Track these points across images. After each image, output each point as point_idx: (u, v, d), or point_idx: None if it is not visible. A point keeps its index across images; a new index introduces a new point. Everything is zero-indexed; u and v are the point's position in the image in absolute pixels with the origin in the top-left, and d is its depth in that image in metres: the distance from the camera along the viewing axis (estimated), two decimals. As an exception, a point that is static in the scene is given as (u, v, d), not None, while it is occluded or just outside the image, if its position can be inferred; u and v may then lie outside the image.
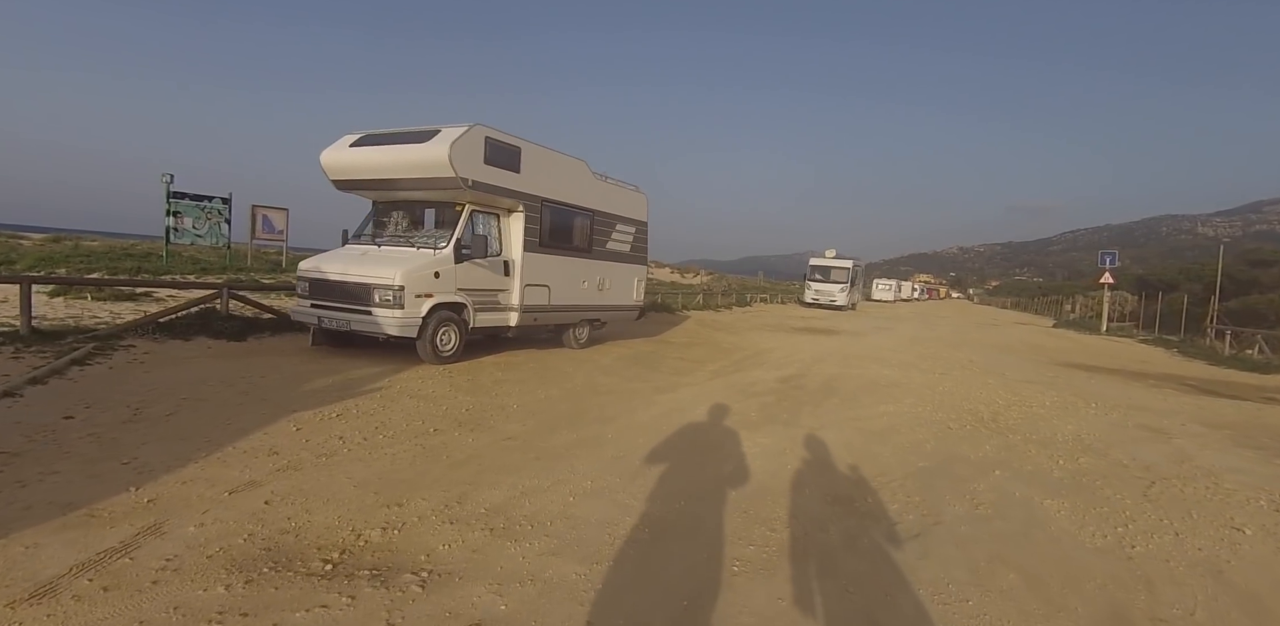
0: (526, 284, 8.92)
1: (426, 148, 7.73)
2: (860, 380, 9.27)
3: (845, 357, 12.05)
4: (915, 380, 9.71)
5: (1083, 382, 10.93)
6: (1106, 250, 26.42)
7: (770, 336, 15.83)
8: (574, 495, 3.86)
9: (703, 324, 17.95)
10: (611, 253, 10.84)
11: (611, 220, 10.76)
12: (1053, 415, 7.73)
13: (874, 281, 62.26)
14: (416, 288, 7.54)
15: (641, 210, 11.63)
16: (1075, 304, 34.40)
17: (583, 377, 7.88)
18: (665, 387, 7.65)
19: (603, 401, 6.62)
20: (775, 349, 12.96)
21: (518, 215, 8.84)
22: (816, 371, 9.88)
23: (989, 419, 7.23)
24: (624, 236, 11.14)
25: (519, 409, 5.95)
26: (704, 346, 12.56)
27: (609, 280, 10.77)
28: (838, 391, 8.21)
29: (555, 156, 9.37)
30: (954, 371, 11.19)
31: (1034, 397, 8.89)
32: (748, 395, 7.56)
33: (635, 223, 11.43)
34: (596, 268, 10.45)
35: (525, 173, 8.72)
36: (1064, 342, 20.95)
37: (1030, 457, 5.62)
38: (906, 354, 13.54)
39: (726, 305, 26.76)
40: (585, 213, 10.11)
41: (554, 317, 9.69)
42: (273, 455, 4.16)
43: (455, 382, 6.87)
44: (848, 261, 33.69)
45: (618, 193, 10.98)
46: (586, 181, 10.11)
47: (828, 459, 5.07)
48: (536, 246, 9.06)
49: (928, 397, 8.21)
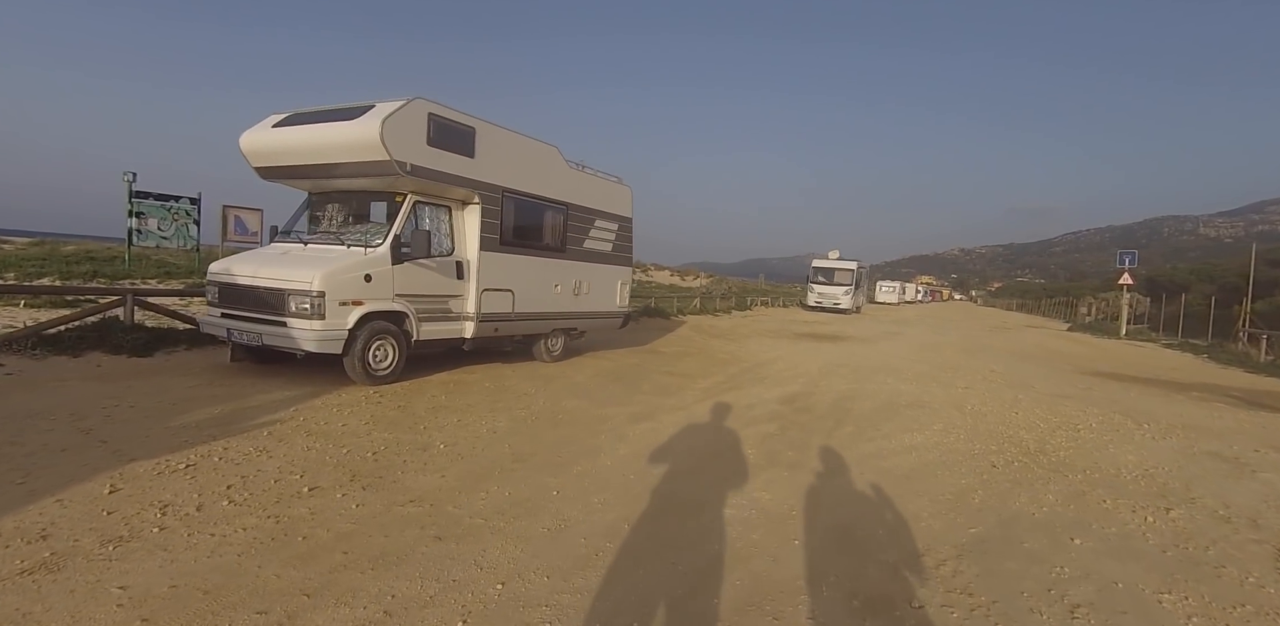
0: (485, 288, 7.60)
1: (355, 126, 6.44)
2: (876, 399, 7.93)
3: (856, 370, 10.72)
4: (938, 397, 8.39)
5: (1120, 396, 9.65)
6: (1125, 249, 25.06)
7: (772, 344, 14.50)
8: (469, 613, 2.53)
9: (698, 330, 16.63)
10: (589, 252, 9.52)
11: (589, 215, 9.44)
12: (1105, 441, 6.47)
13: (878, 284, 61.02)
14: (341, 293, 6.23)
15: (625, 205, 10.32)
16: (1091, 307, 33.02)
17: (545, 401, 6.55)
18: (644, 414, 6.31)
19: (561, 436, 5.28)
20: (777, 359, 11.63)
21: (473, 208, 7.53)
22: (825, 388, 8.54)
23: (1035, 450, 5.92)
24: (604, 234, 9.82)
25: (445, 451, 4.61)
26: (697, 357, 11.23)
27: (587, 283, 9.45)
28: (852, 415, 6.87)
29: (520, 140, 8.06)
30: (978, 385, 9.87)
31: (1075, 417, 7.61)
32: (744, 423, 6.23)
33: (618, 219, 10.12)
34: (571, 269, 9.13)
35: (482, 158, 7.41)
36: (1084, 348, 19.61)
37: (1108, 512, 4.31)
38: (922, 363, 12.21)
39: (725, 309, 25.44)
40: (557, 206, 8.79)
41: (520, 327, 8.36)
42: (38, 540, 2.83)
43: (379, 412, 5.54)
44: (852, 263, 32.35)
45: (597, 185, 9.68)
46: (558, 171, 8.80)
47: (849, 525, 3.74)
48: (497, 245, 7.75)
49: (957, 421, 6.89)
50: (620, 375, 8.49)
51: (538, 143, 8.36)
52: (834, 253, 33.53)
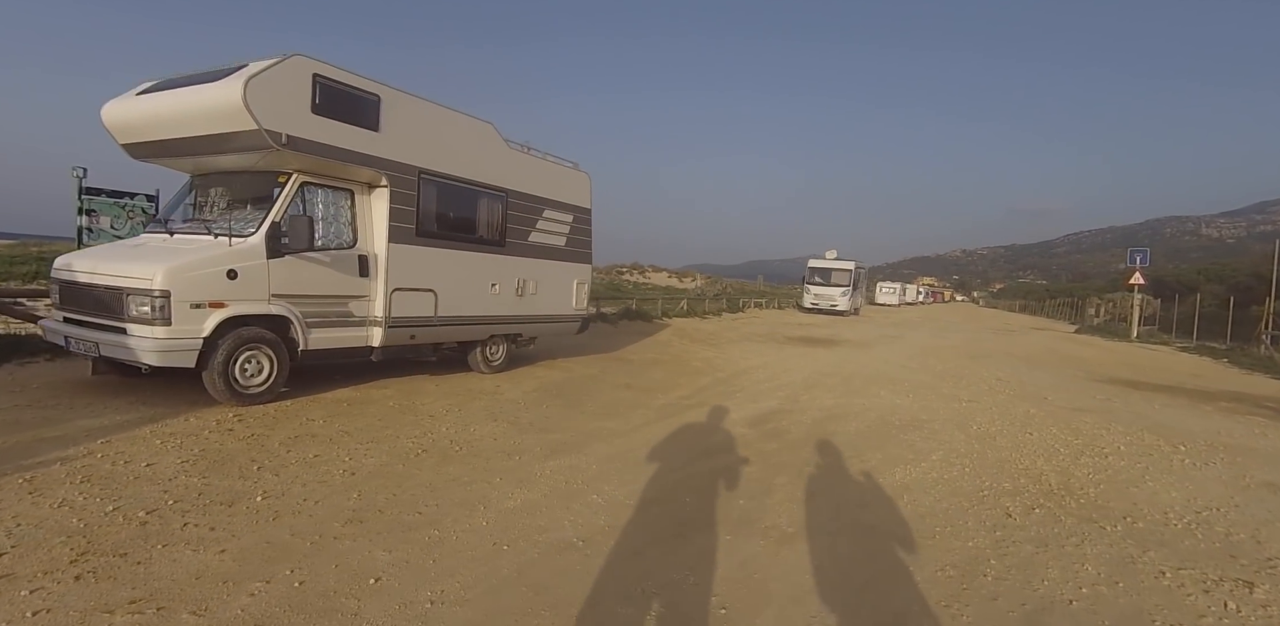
0: (396, 288, 6.38)
1: (215, 89, 5.23)
2: (866, 418, 6.69)
3: (846, 379, 9.48)
4: (939, 414, 7.15)
5: (1143, 408, 8.46)
6: (1136, 247, 23.77)
7: (757, 349, 13.26)
8: None
9: (681, 334, 15.40)
10: (537, 247, 8.29)
11: (536, 204, 8.22)
12: (1139, 470, 5.32)
13: (878, 285, 59.80)
14: (193, 293, 5.00)
15: (582, 194, 9.10)
16: (1099, 308, 31.73)
17: (451, 426, 5.30)
18: (569, 444, 5.06)
19: (442, 478, 4.04)
20: (759, 367, 10.39)
21: (381, 192, 6.31)
22: (807, 404, 7.30)
23: (1059, 487, 4.72)
24: (556, 226, 8.59)
25: (261, 506, 3.36)
26: (668, 365, 10.00)
27: (534, 283, 8.22)
28: (833, 442, 5.63)
29: (442, 114, 6.84)
30: (983, 397, 8.64)
31: (1099, 438, 6.44)
32: (694, 456, 4.99)
33: (573, 209, 8.89)
34: (514, 266, 7.89)
35: (390, 132, 6.19)
36: (1095, 352, 18.34)
37: (1171, 592, 3.11)
38: (921, 371, 10.97)
39: (715, 311, 24.19)
40: (494, 193, 7.56)
41: (445, 334, 7.12)
42: None
43: (215, 445, 4.30)
44: (849, 263, 31.08)
45: (547, 170, 8.46)
46: (495, 152, 7.57)
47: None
48: (411, 236, 6.52)
49: (961, 447, 5.66)
50: (565, 390, 7.25)
51: (466, 118, 7.13)
52: (831, 252, 32.27)
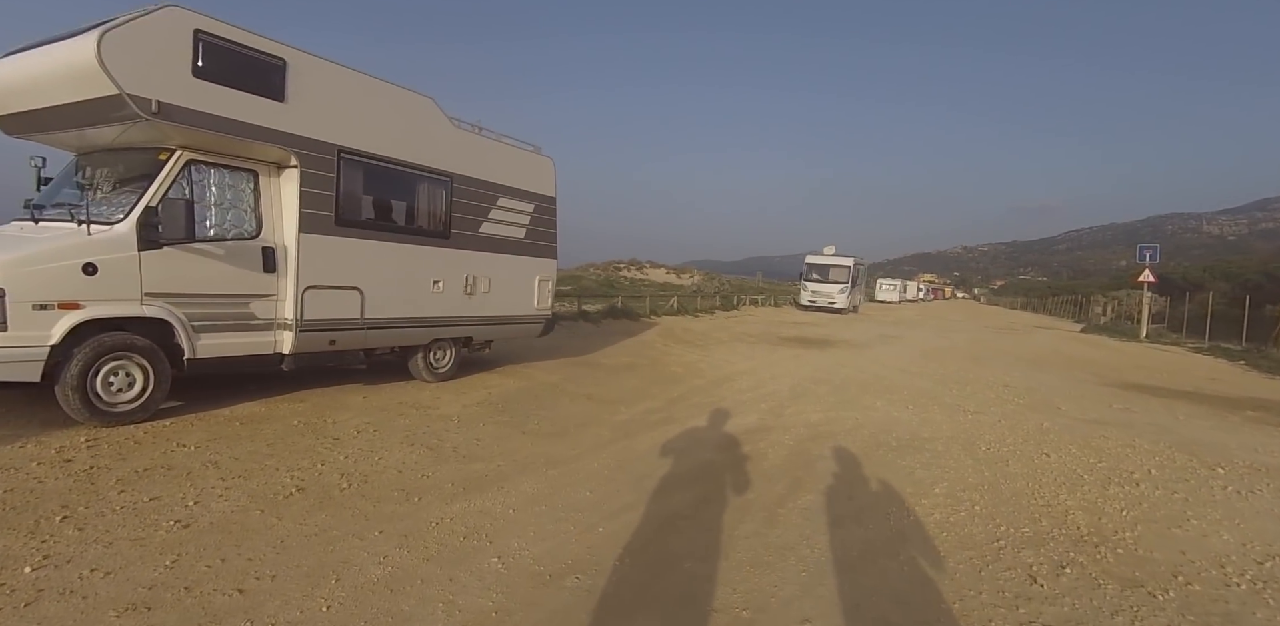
0: (311, 286, 5.47)
1: (68, 47, 4.33)
2: (858, 436, 5.80)
3: (839, 387, 8.58)
4: (942, 429, 6.27)
5: (1166, 419, 7.63)
6: (1145, 243, 22.85)
7: (746, 352, 12.37)
8: None
9: (666, 334, 14.50)
10: (490, 240, 7.37)
11: (489, 192, 7.30)
12: (1178, 504, 4.50)
13: (878, 281, 58.91)
14: (37, 291, 4.10)
15: (545, 180, 8.17)
16: (1105, 306, 30.80)
17: (350, 455, 4.38)
18: (489, 478, 4.15)
19: (298, 533, 3.13)
20: (744, 373, 9.50)
21: (291, 173, 5.40)
22: (791, 420, 6.40)
23: (1090, 532, 3.87)
24: (513, 217, 7.68)
25: (3, 593, 2.49)
26: (644, 370, 9.10)
27: (486, 280, 7.30)
28: (816, 469, 4.72)
29: (369, 85, 5.92)
30: (991, 407, 7.76)
31: (1125, 459, 5.60)
32: (640, 495, 4.07)
33: (533, 198, 7.97)
34: (461, 261, 6.98)
35: (300, 103, 5.28)
36: (1104, 353, 17.44)
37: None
38: (922, 376, 10.08)
39: (707, 309, 23.28)
40: (436, 177, 6.64)
41: (376, 338, 6.20)
42: None
43: (27, 482, 3.37)
44: (848, 259, 30.14)
45: (501, 153, 7.53)
46: (437, 131, 6.65)
47: None
48: (330, 226, 5.61)
49: (970, 476, 4.77)
50: (514, 402, 6.35)
51: (400, 90, 6.21)
52: (829, 248, 31.32)
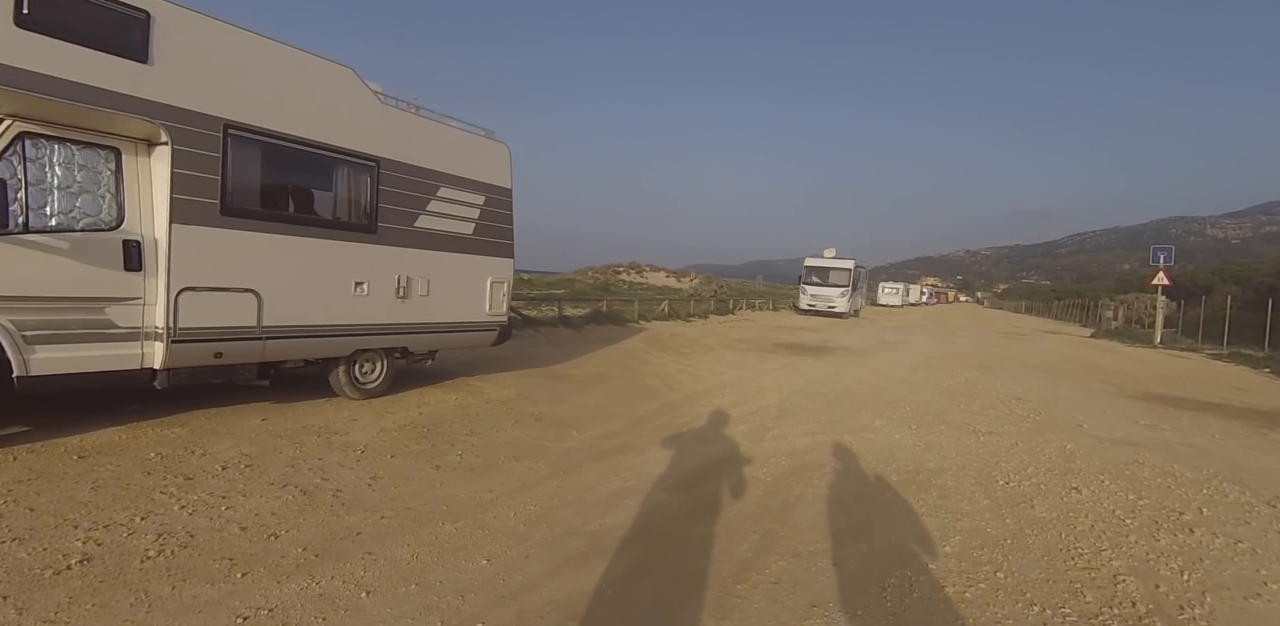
0: (188, 287, 4.52)
1: None
2: (852, 470, 4.81)
3: (833, 402, 7.60)
4: (951, 457, 5.29)
5: (1201, 438, 6.73)
6: (1159, 245, 21.83)
7: (735, 360, 11.40)
8: None
9: (652, 341, 13.55)
10: (430, 235, 6.42)
11: (428, 180, 6.35)
12: (1245, 559, 3.62)
13: (880, 285, 57.96)
14: None
15: (498, 169, 7.22)
16: (1116, 310, 29.77)
17: (194, 502, 3.39)
18: (359, 536, 3.17)
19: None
20: (729, 385, 8.53)
21: (162, 151, 4.47)
22: (773, 446, 5.42)
23: (1148, 608, 3.00)
24: (459, 209, 6.73)
25: None
26: (615, 383, 8.13)
27: (425, 281, 6.35)
28: (794, 523, 3.73)
29: (267, 49, 4.98)
30: (1005, 425, 6.80)
31: (1169, 493, 4.71)
32: (553, 563, 3.08)
33: (484, 188, 7.01)
34: (392, 259, 6.02)
35: (171, 66, 4.34)
36: (1118, 360, 16.45)
37: None
38: (926, 387, 9.09)
39: (701, 313, 22.31)
40: (357, 161, 5.69)
41: (279, 350, 5.22)
42: None
43: None
44: (848, 262, 29.17)
45: (443, 136, 6.58)
46: (359, 107, 5.70)
47: None
48: (216, 215, 4.66)
49: (990, 524, 3.78)
50: (443, 426, 5.37)
51: (309, 57, 5.26)
52: (829, 250, 30.36)
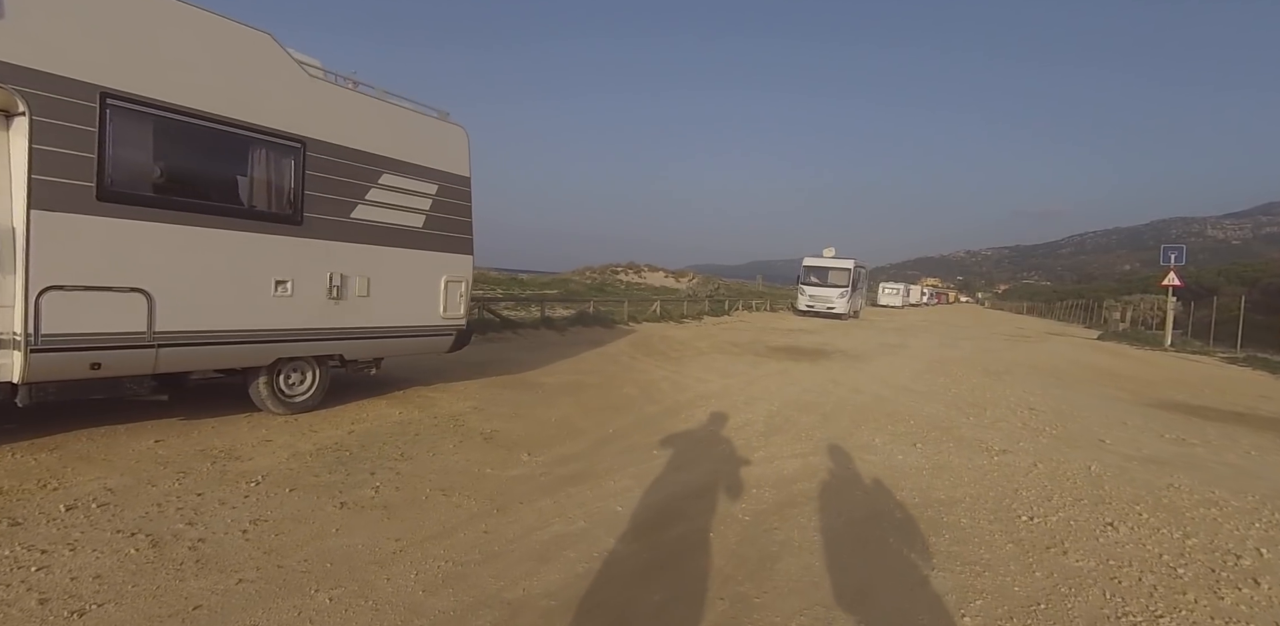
0: (54, 286, 3.78)
1: None
2: (848, 502, 4.05)
3: (830, 415, 6.85)
4: (964, 484, 4.54)
5: (1235, 455, 6.21)
6: (1170, 244, 21.08)
7: (725, 366, 10.65)
8: None
9: (640, 344, 12.81)
10: (370, 228, 5.66)
11: (367, 165, 5.58)
12: None
13: (880, 285, 57.27)
14: None
15: (453, 155, 6.45)
16: (1123, 311, 29.01)
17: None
18: (171, 619, 2.45)
19: None
20: (715, 395, 7.78)
21: (19, 123, 3.73)
22: (756, 472, 4.66)
23: None
24: (405, 199, 5.97)
25: None
26: (589, 393, 7.38)
27: (364, 280, 5.60)
28: (773, 576, 2.96)
29: (159, 5, 4.24)
30: (1021, 441, 6.07)
31: (1217, 528, 4.09)
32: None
33: (436, 176, 6.26)
34: (322, 255, 5.26)
35: (25, 19, 3.60)
36: (1130, 364, 15.71)
37: None
38: (931, 397, 8.35)
39: (695, 315, 21.56)
40: (277, 141, 4.93)
41: (177, 359, 4.44)
42: None
43: None
44: (848, 261, 28.43)
45: (385, 116, 5.82)
46: (279, 79, 4.94)
47: None
48: (92, 200, 3.90)
49: (1017, 581, 3.00)
50: (370, 449, 4.61)
51: (213, 18, 4.50)
52: (829, 250, 29.61)
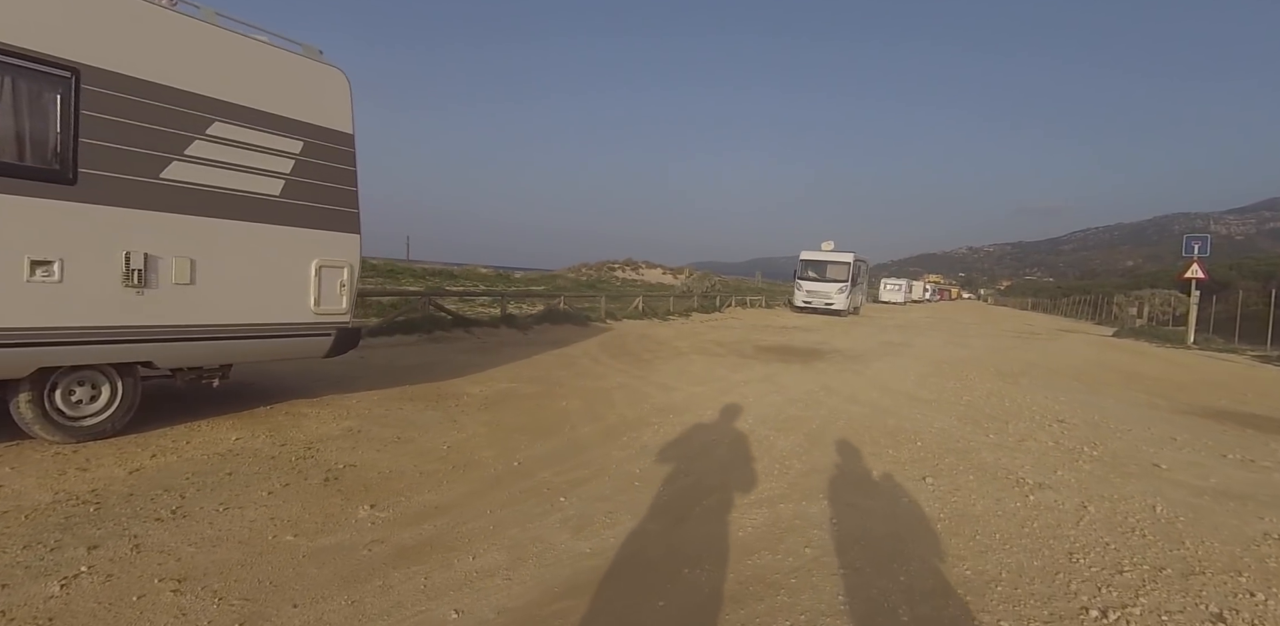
0: None
1: None
2: (835, 607, 2.67)
3: (816, 436, 5.42)
4: (993, 545, 3.10)
5: None
6: (1193, 234, 19.57)
7: (704, 369, 9.23)
8: None
9: (613, 344, 11.40)
10: (194, 194, 4.21)
11: (190, 110, 4.14)
12: None
13: (882, 281, 55.85)
14: None
15: (328, 106, 5.00)
16: (1141, 307, 27.52)
17: None
18: None
19: None
20: (675, 409, 6.35)
21: None
22: (703, 532, 3.23)
23: None
24: (253, 158, 4.53)
25: None
26: (513, 409, 5.97)
27: (185, 263, 4.17)
28: None
29: None
30: (1057, 469, 4.66)
31: None
32: None
33: (302, 130, 4.81)
34: (113, 227, 3.82)
35: None
36: (1155, 364, 14.25)
37: None
38: (941, 407, 6.92)
39: (683, 312, 20.12)
40: (32, 68, 3.50)
41: None
42: None
43: None
44: (848, 255, 26.98)
45: (221, 47, 4.37)
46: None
47: None
48: None
49: None
50: (132, 501, 3.17)
51: None
52: (827, 243, 28.16)
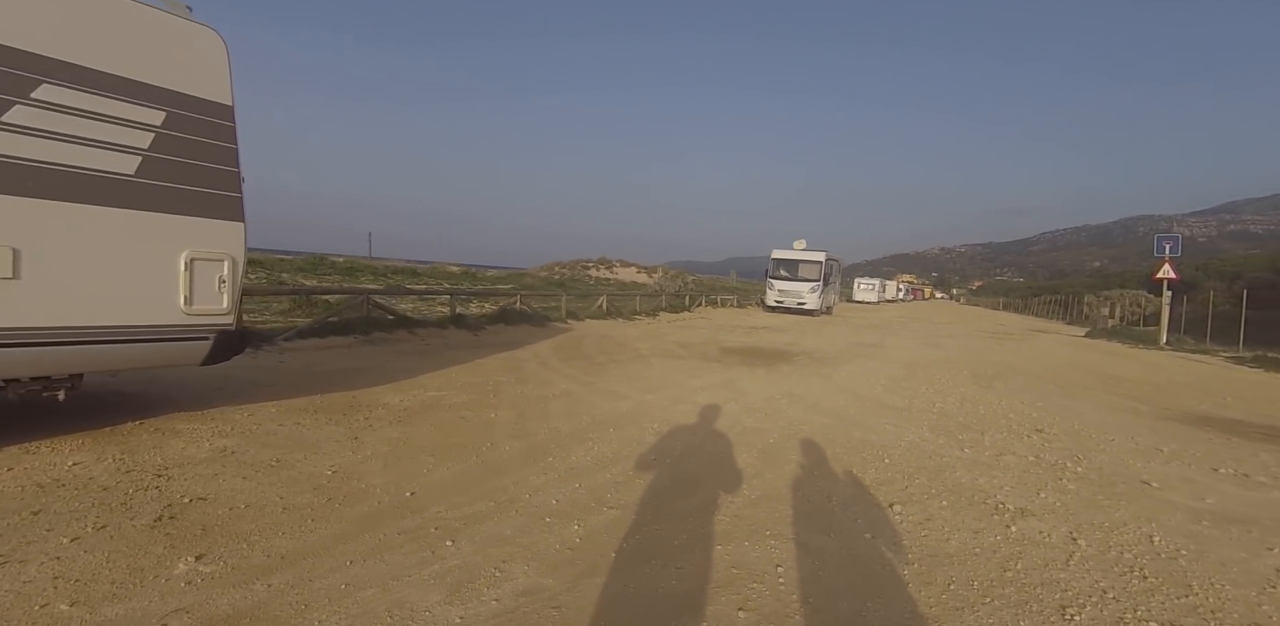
0: None
1: None
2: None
3: (772, 453, 4.80)
4: (973, 606, 2.50)
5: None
6: (1164, 234, 19.48)
7: (661, 373, 8.59)
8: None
9: (568, 346, 10.71)
10: (19, 169, 3.46)
11: (11, 65, 3.40)
12: None
13: (856, 281, 55.91)
14: None
15: (199, 71, 4.23)
16: (1114, 308, 27.58)
17: None
18: None
19: None
20: (618, 422, 5.69)
21: None
22: (619, 592, 2.60)
23: None
24: (98, 129, 3.75)
25: None
26: (430, 423, 5.26)
27: (9, 253, 3.42)
28: None
29: None
30: (1041, 492, 4.09)
31: None
32: None
33: (161, 98, 4.03)
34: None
35: None
36: (1129, 365, 13.97)
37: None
38: (913, 415, 6.37)
39: (650, 311, 19.49)
40: None
41: None
42: None
43: None
44: (819, 254, 26.60)
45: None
46: None
47: None
48: None
49: None
50: None
51: None
52: (799, 242, 27.78)
